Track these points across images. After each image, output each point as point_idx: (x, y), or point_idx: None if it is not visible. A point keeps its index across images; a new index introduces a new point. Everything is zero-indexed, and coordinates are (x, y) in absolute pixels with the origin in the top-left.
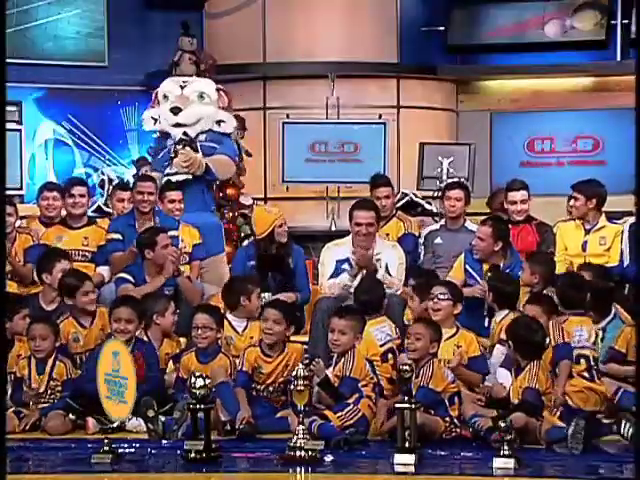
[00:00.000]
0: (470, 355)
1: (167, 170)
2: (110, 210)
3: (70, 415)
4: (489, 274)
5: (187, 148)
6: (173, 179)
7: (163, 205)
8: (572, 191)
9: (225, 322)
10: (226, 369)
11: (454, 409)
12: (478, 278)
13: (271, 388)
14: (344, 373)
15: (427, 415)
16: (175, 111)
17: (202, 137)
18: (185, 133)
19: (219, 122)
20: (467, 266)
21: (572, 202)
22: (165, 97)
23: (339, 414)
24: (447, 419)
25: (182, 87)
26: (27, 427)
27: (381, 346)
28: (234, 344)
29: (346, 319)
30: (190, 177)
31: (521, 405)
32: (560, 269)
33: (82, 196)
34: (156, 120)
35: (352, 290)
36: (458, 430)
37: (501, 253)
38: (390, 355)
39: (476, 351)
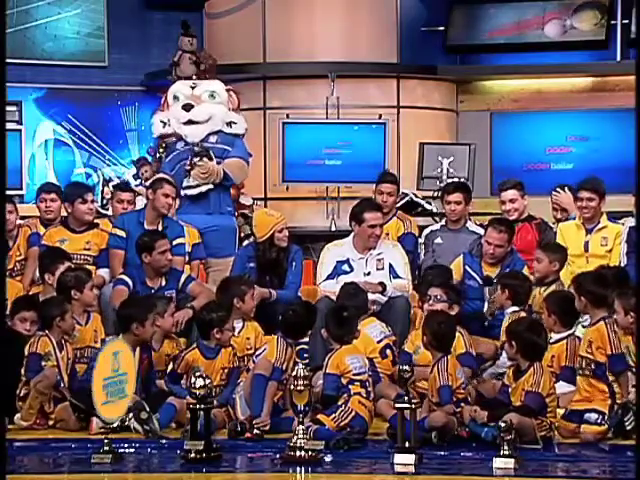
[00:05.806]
0: (457, 353)
1: (185, 183)
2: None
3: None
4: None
5: (204, 159)
6: (195, 192)
7: None
8: (582, 191)
9: None
10: (268, 364)
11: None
12: (478, 278)
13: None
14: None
15: (450, 415)
16: (187, 108)
17: (213, 138)
18: (198, 144)
19: (230, 123)
20: (466, 267)
21: (585, 202)
22: (175, 98)
23: (332, 416)
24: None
25: (192, 87)
26: None
27: (377, 343)
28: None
29: None
30: (211, 187)
31: (521, 408)
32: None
33: (93, 202)
34: (165, 124)
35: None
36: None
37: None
38: (388, 351)
39: (462, 348)
